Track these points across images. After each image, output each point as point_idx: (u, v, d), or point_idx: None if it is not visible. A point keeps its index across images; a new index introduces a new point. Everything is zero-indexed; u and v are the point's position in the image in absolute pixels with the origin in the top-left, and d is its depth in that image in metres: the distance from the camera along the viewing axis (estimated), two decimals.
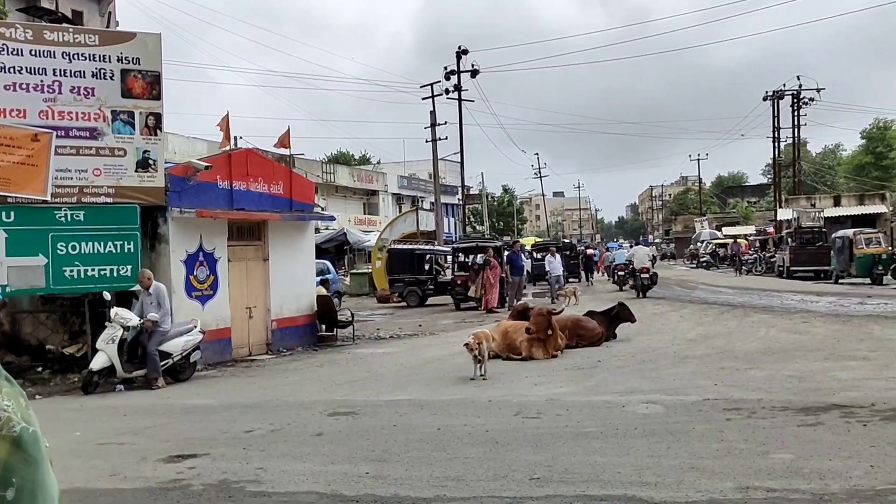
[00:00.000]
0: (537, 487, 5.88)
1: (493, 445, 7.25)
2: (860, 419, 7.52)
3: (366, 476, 6.42)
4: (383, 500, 5.80)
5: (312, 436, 8.11)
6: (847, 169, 75.81)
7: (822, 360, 11.45)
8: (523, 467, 6.43)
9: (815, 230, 37.57)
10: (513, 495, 5.73)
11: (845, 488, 5.47)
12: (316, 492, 6.08)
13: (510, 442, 7.36)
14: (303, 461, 7.04)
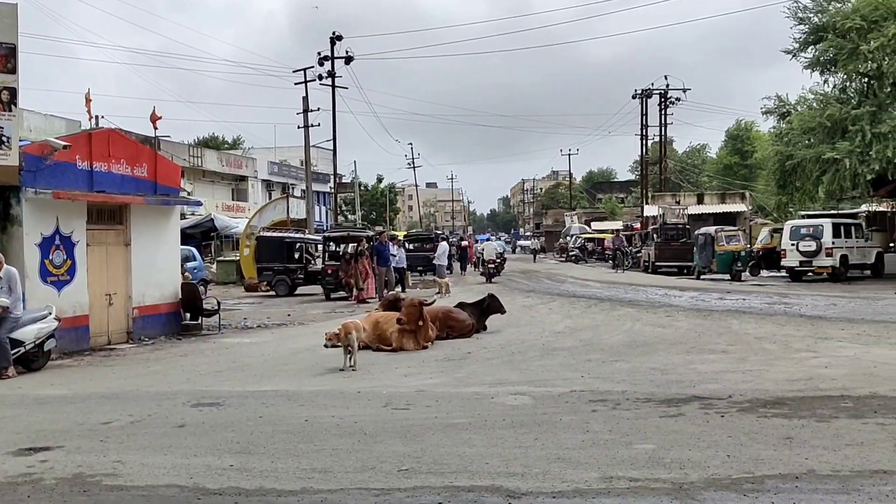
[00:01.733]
0: (405, 479, 5.88)
1: (361, 437, 7.21)
2: (718, 410, 7.87)
3: (230, 468, 6.27)
4: (248, 492, 5.67)
5: (174, 427, 7.86)
6: (715, 168, 79.43)
7: (684, 354, 11.94)
8: (392, 459, 6.42)
9: (679, 227, 39.17)
10: (381, 487, 5.71)
11: (703, 477, 5.71)
12: (177, 485, 5.89)
13: (379, 433, 7.33)
14: (163, 454, 6.81)
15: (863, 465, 5.89)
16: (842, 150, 27.94)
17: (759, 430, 7.03)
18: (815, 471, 5.77)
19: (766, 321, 16.08)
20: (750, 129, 76.50)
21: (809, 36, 31.85)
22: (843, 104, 30.06)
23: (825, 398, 8.32)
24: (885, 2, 28.52)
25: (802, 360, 10.93)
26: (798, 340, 13.00)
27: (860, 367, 10.24)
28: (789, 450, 6.35)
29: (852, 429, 6.98)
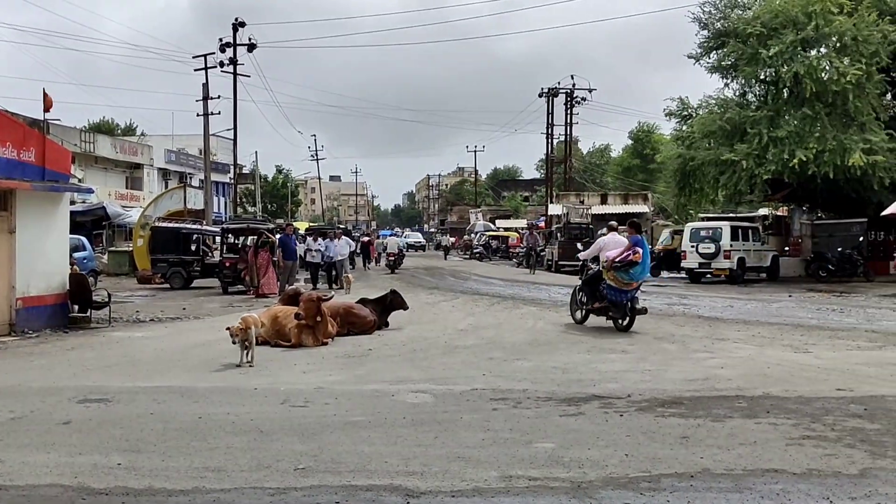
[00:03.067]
0: (302, 478, 5.80)
1: (257, 435, 7.08)
2: (618, 409, 8.04)
3: (117, 467, 6.08)
4: (136, 492, 5.51)
5: (59, 424, 7.57)
6: (616, 169, 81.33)
7: (585, 353, 12.15)
8: (288, 457, 6.33)
9: (582, 226, 39.90)
10: (276, 486, 5.62)
11: (602, 476, 5.81)
12: (60, 484, 5.68)
13: (275, 431, 7.22)
14: (47, 452, 6.56)
15: (755, 463, 6.09)
16: (739, 152, 28.95)
17: (657, 430, 7.20)
18: (709, 469, 5.94)
19: (666, 321, 16.51)
20: (651, 132, 78.61)
21: (712, 41, 32.92)
22: (743, 108, 31.18)
23: (721, 398, 8.59)
24: (784, 10, 29.68)
25: (700, 361, 11.26)
26: (696, 341, 13.40)
27: (754, 367, 10.61)
28: (685, 449, 6.53)
29: (746, 428, 7.22)
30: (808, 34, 28.82)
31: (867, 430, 7.13)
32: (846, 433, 6.99)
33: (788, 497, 5.31)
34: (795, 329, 15.08)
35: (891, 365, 10.79)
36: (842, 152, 27.40)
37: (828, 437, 6.88)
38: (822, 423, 7.38)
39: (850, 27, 28.45)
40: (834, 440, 6.77)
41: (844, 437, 6.84)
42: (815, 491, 5.42)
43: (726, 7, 33.12)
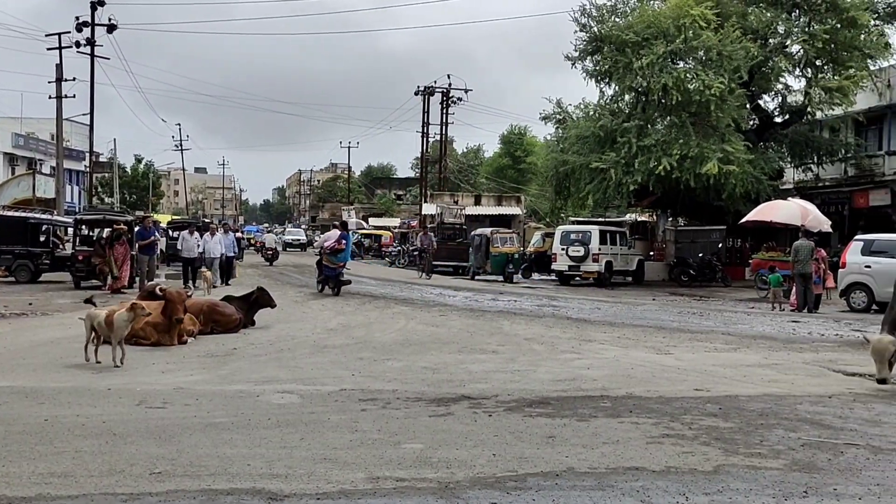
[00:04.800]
0: (158, 482, 5.64)
1: (109, 438, 6.84)
2: (486, 409, 8.17)
3: None
4: None
5: None
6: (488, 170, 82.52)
7: (456, 353, 12.29)
8: (143, 461, 6.14)
9: (456, 227, 40.36)
10: (129, 492, 5.44)
11: (469, 476, 5.90)
12: None
13: (130, 434, 6.99)
14: None
15: (617, 462, 6.32)
16: (608, 160, 29.93)
17: (525, 429, 7.36)
18: (574, 468, 6.12)
19: (536, 323, 16.90)
20: (524, 134, 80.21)
21: (589, 45, 33.89)
22: (616, 116, 32.25)
23: (586, 398, 8.86)
24: (657, 22, 30.88)
25: (567, 362, 11.58)
26: (564, 342, 13.76)
27: (619, 368, 10.99)
28: (551, 448, 6.70)
29: (609, 427, 7.47)
30: (677, 46, 30.11)
31: (721, 428, 7.50)
32: (702, 431, 7.34)
33: (648, 494, 5.53)
34: (658, 331, 15.71)
35: (744, 366, 11.38)
36: (701, 160, 28.73)
37: (685, 435, 7.20)
38: (680, 422, 7.72)
39: (716, 42, 29.90)
40: (691, 438, 7.09)
41: (701, 436, 7.18)
42: (672, 487, 5.66)
43: (604, 13, 34.14)
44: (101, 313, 11.07)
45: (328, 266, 22.11)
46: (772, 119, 36.19)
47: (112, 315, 10.95)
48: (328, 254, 22.02)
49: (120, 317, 10.89)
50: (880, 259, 20.77)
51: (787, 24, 33.23)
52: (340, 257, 21.92)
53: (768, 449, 6.77)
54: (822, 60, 32.59)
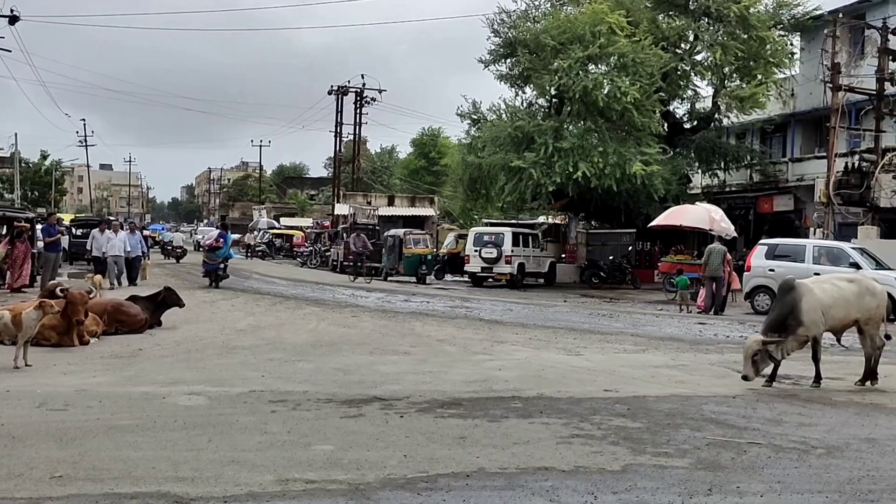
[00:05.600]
0: (59, 486, 5.48)
1: (8, 441, 6.62)
2: (398, 411, 8.18)
3: None
4: None
5: None
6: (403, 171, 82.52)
7: (368, 354, 12.27)
8: (44, 465, 5.96)
9: (369, 227, 40.21)
10: (28, 496, 5.28)
11: (380, 477, 5.90)
12: None
13: (30, 437, 6.77)
14: None
15: (528, 462, 6.40)
16: (528, 160, 30.28)
17: (436, 430, 7.40)
18: (484, 468, 6.18)
19: (448, 324, 16.99)
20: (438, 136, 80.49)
21: (503, 49, 34.25)
22: (531, 118, 32.65)
23: (498, 399, 8.95)
24: (571, 27, 31.40)
25: (479, 363, 11.68)
26: (476, 343, 13.87)
27: (530, 369, 11.13)
28: (462, 449, 6.75)
29: (520, 428, 7.57)
30: (593, 52, 30.65)
31: (629, 428, 7.67)
32: (611, 431, 7.50)
33: (557, 493, 5.63)
34: (569, 332, 15.97)
35: (652, 367, 11.67)
36: (623, 164, 29.32)
37: (595, 435, 7.35)
38: (589, 422, 7.87)
39: (630, 49, 30.54)
40: (600, 438, 7.23)
41: (609, 436, 7.33)
42: (581, 487, 5.77)
43: (518, 18, 34.55)
44: (6, 313, 10.71)
45: (207, 262, 24.61)
46: (681, 125, 37.19)
47: (20, 314, 10.59)
48: (207, 250, 24.87)
49: (28, 315, 10.55)
50: (783, 263, 21.56)
51: (696, 33, 34.21)
52: (219, 254, 24.38)
53: (675, 448, 6.96)
54: (730, 69, 33.65)
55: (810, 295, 10.12)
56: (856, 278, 10.88)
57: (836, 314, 10.29)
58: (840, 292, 10.32)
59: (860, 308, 10.35)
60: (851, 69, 31.08)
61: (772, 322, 10.26)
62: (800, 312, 10.01)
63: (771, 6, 33.93)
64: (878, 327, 10.53)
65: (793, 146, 37.86)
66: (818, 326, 10.13)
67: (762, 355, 9.89)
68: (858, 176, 28.17)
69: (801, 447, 7.14)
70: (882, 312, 10.61)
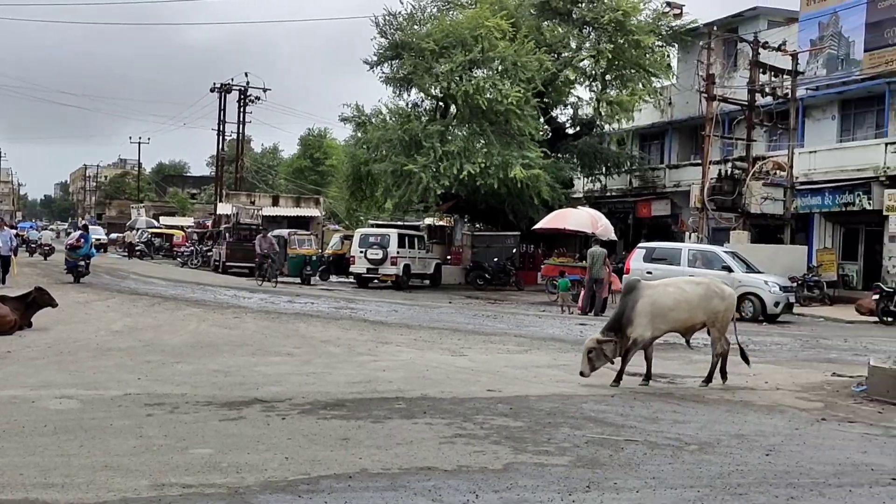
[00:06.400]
0: None
1: None
2: (280, 413, 8.08)
3: None
4: None
5: None
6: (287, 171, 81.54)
7: (250, 356, 12.08)
8: None
9: (253, 227, 39.51)
10: None
11: (260, 480, 5.81)
12: None
13: None
14: None
15: (411, 462, 6.42)
16: (419, 163, 30.37)
17: (318, 432, 7.34)
18: (367, 469, 6.17)
19: (333, 325, 16.88)
20: (324, 136, 79.92)
21: (388, 51, 34.26)
22: (416, 120, 32.76)
23: (382, 400, 8.94)
24: (455, 31, 31.67)
25: (363, 364, 11.65)
26: (361, 344, 13.83)
27: (414, 370, 11.17)
28: (345, 450, 6.72)
29: (403, 428, 7.58)
30: (475, 56, 30.97)
31: (512, 427, 7.79)
32: (493, 431, 7.59)
33: (439, 493, 5.66)
34: (453, 333, 16.10)
35: (535, 367, 11.88)
36: (505, 167, 29.74)
37: (477, 434, 7.43)
38: (472, 422, 7.95)
39: (512, 53, 31.02)
40: (482, 437, 7.32)
41: (492, 435, 7.42)
42: (463, 486, 5.82)
43: (404, 20, 34.62)
44: None
45: (69, 259, 26.27)
46: (564, 130, 38.01)
47: None
48: (69, 249, 26.49)
49: None
50: (660, 265, 22.28)
51: (578, 40, 35.06)
52: (79, 252, 26.08)
53: (555, 446, 7.10)
54: (611, 76, 34.62)
55: (648, 297, 10.46)
56: (703, 281, 11.25)
57: (678, 316, 10.63)
58: (684, 295, 10.67)
59: (707, 310, 10.71)
60: (725, 80, 32.42)
61: (611, 321, 10.64)
62: (632, 312, 10.35)
63: (650, 17, 35.07)
64: (725, 330, 10.96)
65: (670, 153, 39.24)
66: (644, 328, 10.41)
67: (597, 353, 10.23)
68: (731, 183, 29.37)
69: (675, 444, 7.40)
70: (730, 315, 11.00)
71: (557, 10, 35.11)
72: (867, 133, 30.29)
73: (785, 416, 9.00)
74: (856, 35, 29.81)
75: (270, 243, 31.03)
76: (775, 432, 8.10)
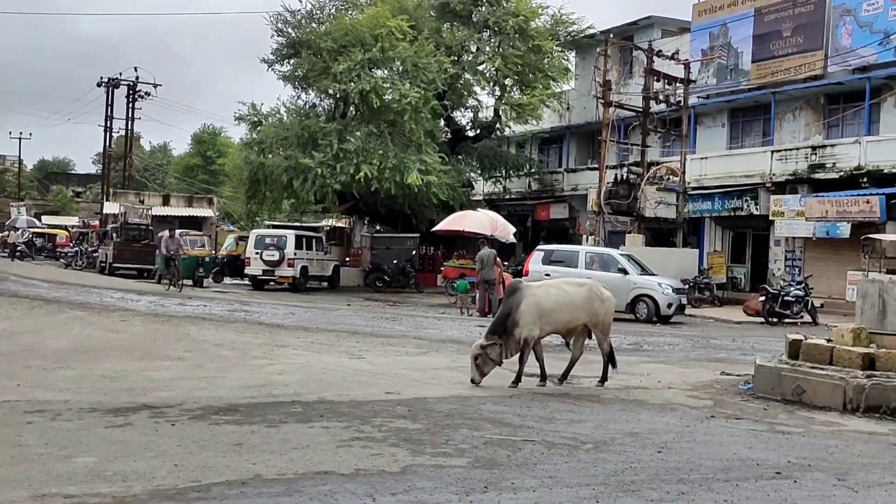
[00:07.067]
0: None
1: None
2: (169, 419, 7.85)
3: None
4: None
5: None
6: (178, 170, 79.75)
7: (138, 360, 11.71)
8: None
9: (142, 227, 38.49)
10: None
11: (148, 489, 5.63)
12: None
13: None
14: None
15: (307, 466, 6.32)
16: (315, 159, 30.10)
17: (210, 438, 7.16)
18: (261, 475, 6.04)
19: (226, 328, 16.54)
20: (218, 134, 78.52)
21: (286, 49, 33.90)
22: (315, 118, 32.49)
23: (277, 404, 8.79)
24: (354, 30, 31.55)
25: (258, 367, 11.44)
26: (256, 348, 13.58)
27: (312, 373, 11.04)
28: (238, 456, 6.57)
29: (300, 433, 7.46)
30: (374, 55, 30.93)
31: (410, 429, 7.76)
32: (392, 433, 7.55)
33: (336, 497, 5.58)
34: (352, 336, 15.99)
35: (433, 369, 11.89)
36: (402, 170, 29.78)
37: (375, 437, 7.37)
38: (370, 424, 7.89)
39: (412, 54, 31.09)
40: (381, 440, 7.27)
41: (390, 438, 7.38)
42: (360, 489, 5.76)
43: (301, 18, 34.30)
44: None
45: None
46: (464, 133, 38.29)
47: None
48: None
49: None
50: (559, 268, 22.66)
51: (478, 44, 35.36)
52: None
53: (453, 448, 7.10)
54: (511, 80, 35.06)
55: (532, 298, 10.62)
56: (586, 283, 11.48)
57: (560, 317, 10.84)
58: (566, 296, 10.88)
59: (589, 312, 10.95)
60: (621, 87, 33.22)
61: (494, 324, 10.77)
62: (517, 314, 10.50)
63: (549, 23, 35.67)
64: (608, 330, 11.23)
65: (568, 157, 39.99)
66: (530, 329, 10.58)
67: (483, 358, 10.35)
68: (626, 187, 30.12)
69: (571, 443, 7.50)
70: (610, 318, 11.29)
71: (457, 13, 35.37)
72: (755, 141, 31.54)
73: (676, 414, 9.25)
74: (744, 46, 31.02)
75: (179, 244, 29.21)
76: (667, 430, 8.31)
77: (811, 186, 27.58)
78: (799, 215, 27.05)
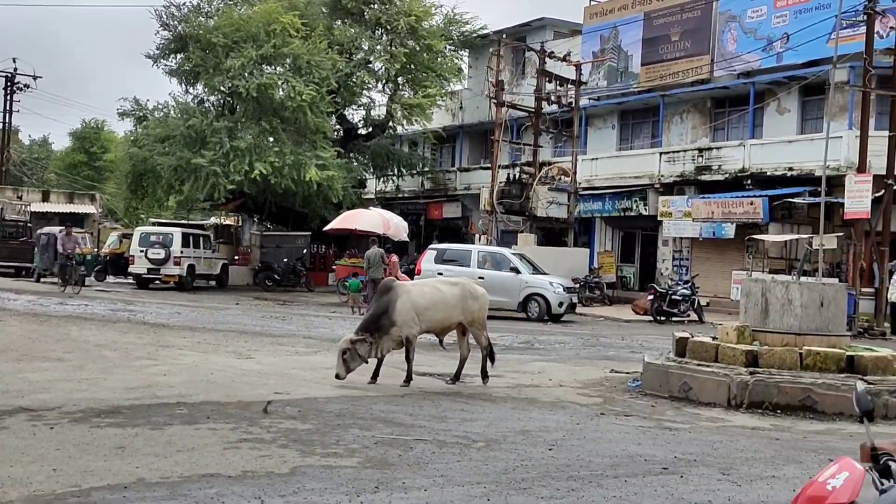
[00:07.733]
0: None
1: None
2: (48, 422, 7.59)
3: None
4: None
5: None
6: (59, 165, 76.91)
7: (15, 362, 11.27)
8: None
9: (20, 224, 37.05)
10: None
11: (24, 495, 5.45)
12: None
13: None
14: None
15: (192, 469, 6.21)
16: (206, 157, 29.46)
17: (91, 441, 6.96)
18: (144, 479, 5.91)
19: (109, 328, 16.08)
20: (102, 129, 76.09)
21: (173, 43, 33.11)
22: (204, 115, 31.78)
23: (162, 405, 8.60)
24: (246, 25, 31.05)
25: (142, 368, 11.17)
26: (140, 348, 13.25)
27: (198, 374, 10.83)
28: (120, 459, 6.41)
29: (185, 435, 7.32)
30: (267, 51, 30.49)
31: (300, 430, 7.71)
32: (281, 434, 7.48)
33: (223, 500, 5.51)
34: (240, 336, 15.76)
35: (324, 369, 11.79)
36: (299, 167, 29.45)
37: (264, 439, 7.29)
38: (259, 426, 7.80)
39: (305, 51, 30.79)
40: (269, 441, 7.19)
41: (279, 439, 7.31)
42: (248, 492, 5.69)
43: (189, 12, 33.54)
44: None
45: None
46: (356, 131, 38.12)
47: None
48: None
49: None
50: (451, 267, 22.79)
51: (370, 42, 35.27)
52: None
53: (344, 448, 7.09)
54: (403, 79, 35.09)
55: (406, 297, 10.74)
56: (459, 282, 11.67)
57: (434, 316, 10.97)
58: (440, 295, 11.03)
59: (463, 310, 11.11)
60: (514, 87, 33.64)
61: (366, 322, 10.83)
62: (394, 313, 10.59)
63: (442, 22, 35.84)
64: (484, 327, 11.40)
65: (461, 156, 40.30)
66: (411, 327, 10.71)
67: (351, 354, 10.36)
68: (519, 187, 30.56)
69: (463, 441, 7.58)
70: (485, 315, 11.45)
71: (349, 10, 35.20)
72: (644, 143, 32.40)
73: (567, 411, 9.45)
74: (633, 49, 31.82)
75: (76, 242, 27.61)
76: (558, 427, 8.48)
77: (698, 188, 28.50)
78: (686, 216, 27.89)
